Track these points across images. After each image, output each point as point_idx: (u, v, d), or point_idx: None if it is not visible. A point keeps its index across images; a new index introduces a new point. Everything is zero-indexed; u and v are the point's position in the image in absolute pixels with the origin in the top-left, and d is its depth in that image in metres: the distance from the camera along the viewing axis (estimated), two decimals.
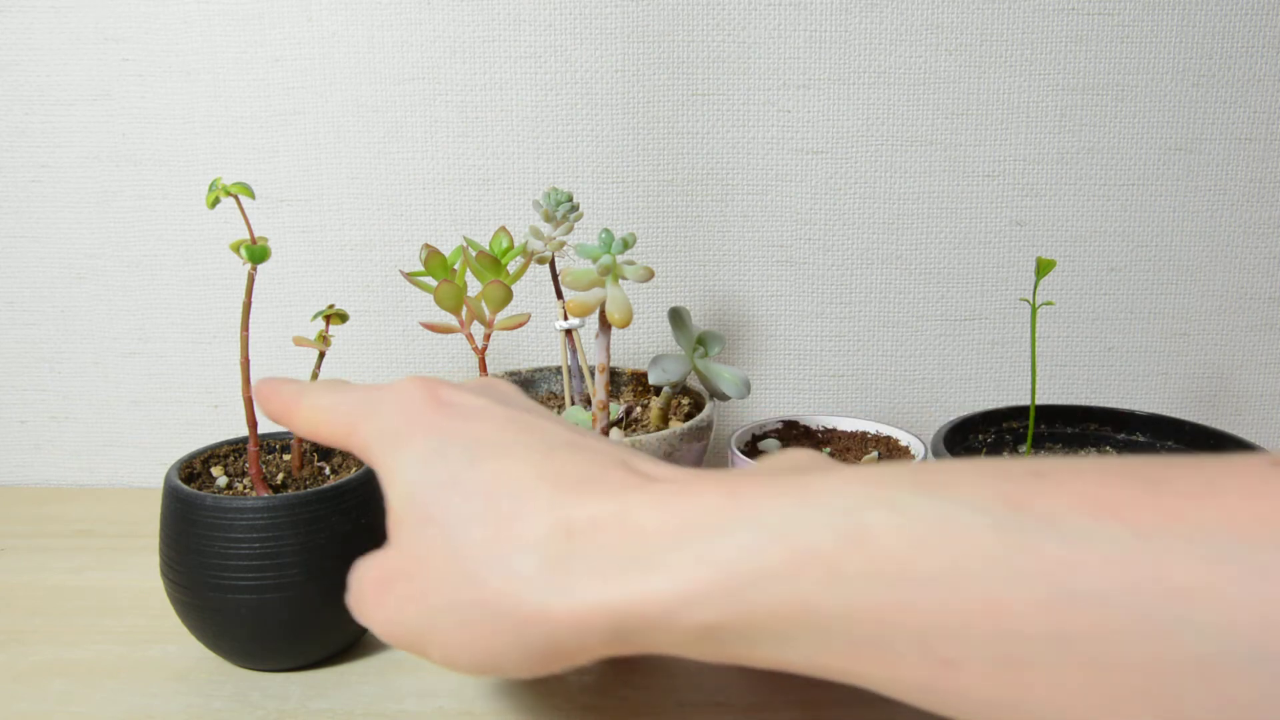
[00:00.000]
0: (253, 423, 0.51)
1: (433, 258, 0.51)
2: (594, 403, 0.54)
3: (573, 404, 0.60)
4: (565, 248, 0.56)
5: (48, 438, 0.75)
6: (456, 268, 0.53)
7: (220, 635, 0.48)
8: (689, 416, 0.58)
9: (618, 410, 0.58)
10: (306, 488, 0.52)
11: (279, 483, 0.53)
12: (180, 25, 0.68)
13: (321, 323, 0.52)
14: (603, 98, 0.69)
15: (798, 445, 0.61)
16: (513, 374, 0.65)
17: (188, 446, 0.73)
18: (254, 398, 0.36)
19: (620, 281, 0.53)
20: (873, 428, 0.61)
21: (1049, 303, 0.55)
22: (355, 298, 0.72)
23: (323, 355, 0.52)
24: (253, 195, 0.48)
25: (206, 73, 0.69)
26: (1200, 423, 0.59)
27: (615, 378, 0.63)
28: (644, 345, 0.73)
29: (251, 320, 0.50)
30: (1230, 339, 0.73)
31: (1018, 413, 0.61)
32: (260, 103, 0.69)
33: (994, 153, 0.70)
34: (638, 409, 0.59)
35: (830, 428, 0.63)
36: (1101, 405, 0.63)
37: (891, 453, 0.59)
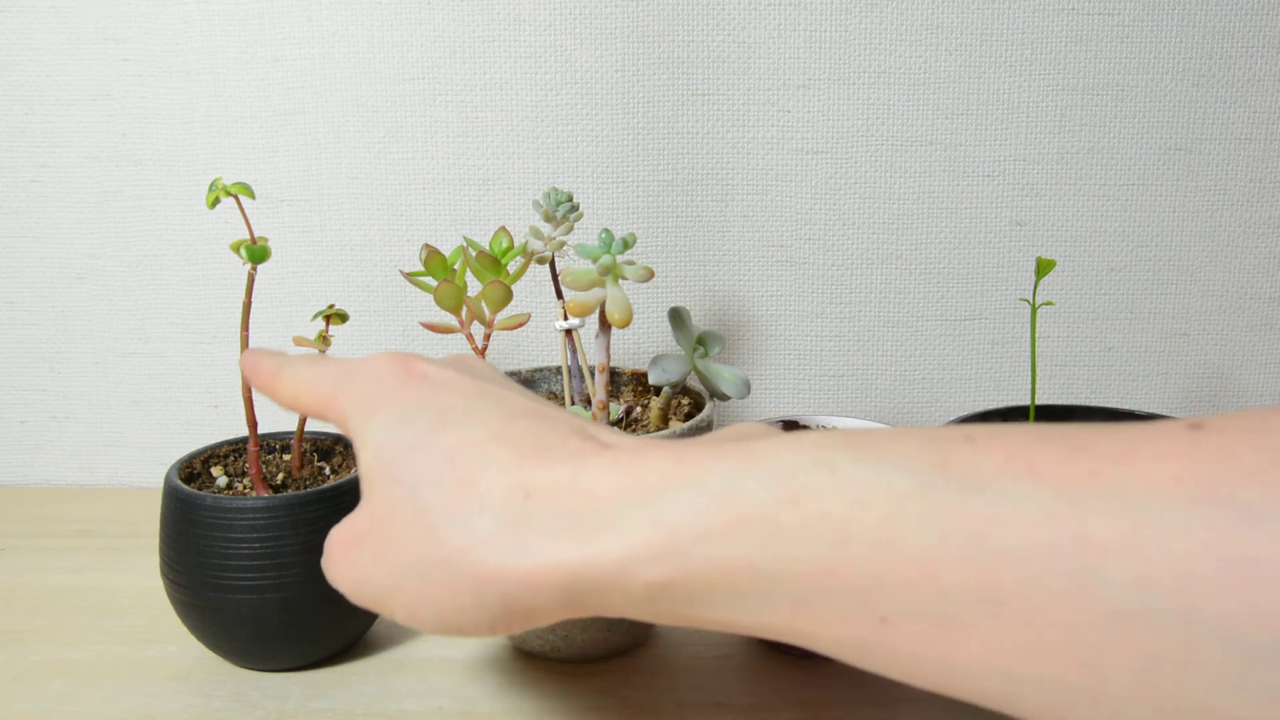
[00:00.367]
0: (253, 423, 0.51)
1: (433, 258, 0.51)
2: (594, 403, 0.54)
3: (573, 404, 0.60)
4: (565, 248, 0.56)
5: (48, 438, 0.75)
6: (456, 268, 0.53)
7: (220, 635, 0.48)
8: (689, 416, 0.58)
9: (618, 410, 0.58)
10: (306, 488, 0.52)
11: (279, 483, 0.53)
12: (180, 25, 0.68)
13: (321, 323, 0.52)
14: (603, 98, 0.69)
15: None
16: (513, 374, 0.65)
17: (188, 446, 0.73)
18: (240, 367, 0.38)
19: (620, 281, 0.53)
20: (873, 428, 0.61)
21: (1049, 303, 0.55)
22: (355, 298, 0.72)
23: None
24: (253, 195, 0.48)
25: (206, 73, 0.69)
26: None
27: (615, 378, 0.63)
28: (644, 345, 0.73)
29: (251, 320, 0.50)
30: (1230, 339, 0.73)
31: (1017, 413, 0.61)
32: (260, 103, 0.69)
33: (994, 153, 0.70)
34: (638, 409, 0.59)
35: (830, 428, 0.63)
36: (1101, 405, 0.63)
37: None
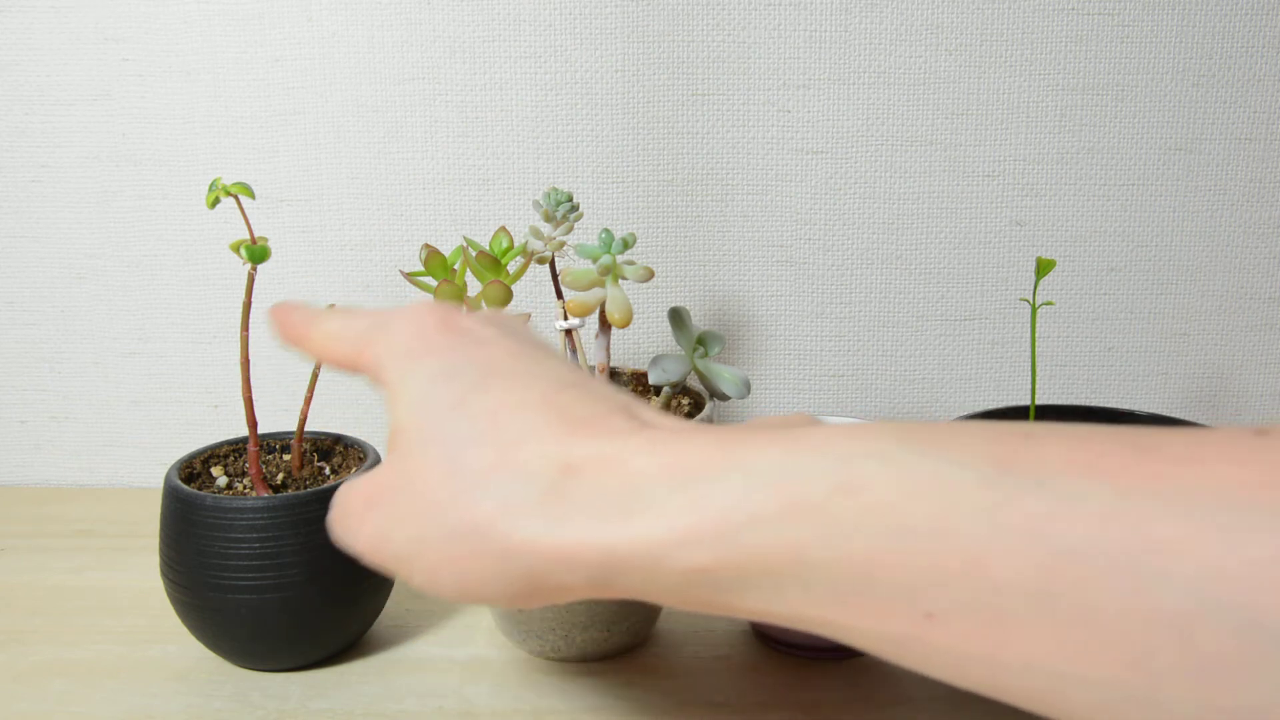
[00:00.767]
0: (253, 423, 0.51)
1: (433, 258, 0.51)
2: None
3: None
4: (565, 248, 0.56)
5: (48, 438, 0.75)
6: (456, 268, 0.53)
7: (220, 635, 0.48)
8: (689, 416, 0.58)
9: None
10: (306, 488, 0.52)
11: (279, 483, 0.53)
12: (180, 25, 0.68)
13: None
14: (603, 98, 0.69)
15: None
16: None
17: (188, 446, 0.73)
18: (269, 318, 0.36)
19: (620, 281, 0.53)
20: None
21: (1049, 303, 0.55)
22: (355, 298, 0.72)
23: None
24: (253, 195, 0.48)
25: (206, 73, 0.69)
26: (1200, 423, 0.59)
27: (615, 378, 0.63)
28: (644, 345, 0.73)
29: (251, 320, 0.50)
30: (1230, 339, 0.73)
31: (1018, 413, 0.61)
32: (260, 103, 0.69)
33: (994, 153, 0.70)
34: None
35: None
36: (1101, 405, 0.63)
37: None
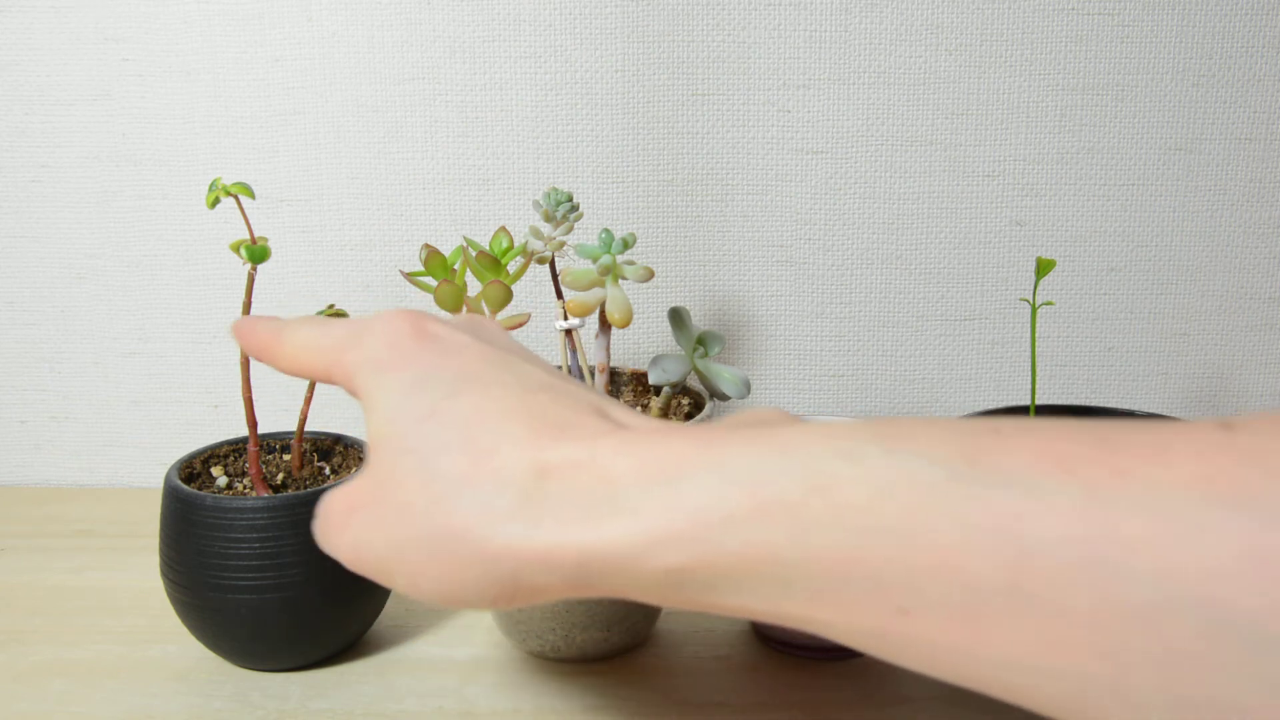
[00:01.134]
0: (253, 423, 0.51)
1: (433, 258, 0.51)
2: None
3: None
4: (565, 248, 0.56)
5: (48, 438, 0.75)
6: (456, 268, 0.53)
7: (220, 635, 0.48)
8: (689, 416, 0.58)
9: None
10: (306, 488, 0.52)
11: (279, 483, 0.53)
12: (180, 25, 0.68)
13: None
14: (603, 98, 0.69)
15: None
16: None
17: (188, 446, 0.73)
18: (234, 335, 0.36)
19: (620, 281, 0.53)
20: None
21: (1049, 303, 0.55)
22: (355, 298, 0.72)
23: None
24: (253, 195, 0.48)
25: (206, 73, 0.69)
26: None
27: (615, 378, 0.63)
28: (644, 345, 0.73)
29: None
30: (1230, 339, 0.73)
31: (1017, 412, 0.61)
32: (260, 103, 0.69)
33: (994, 153, 0.70)
34: (638, 409, 0.59)
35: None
36: (1101, 405, 0.63)
37: None
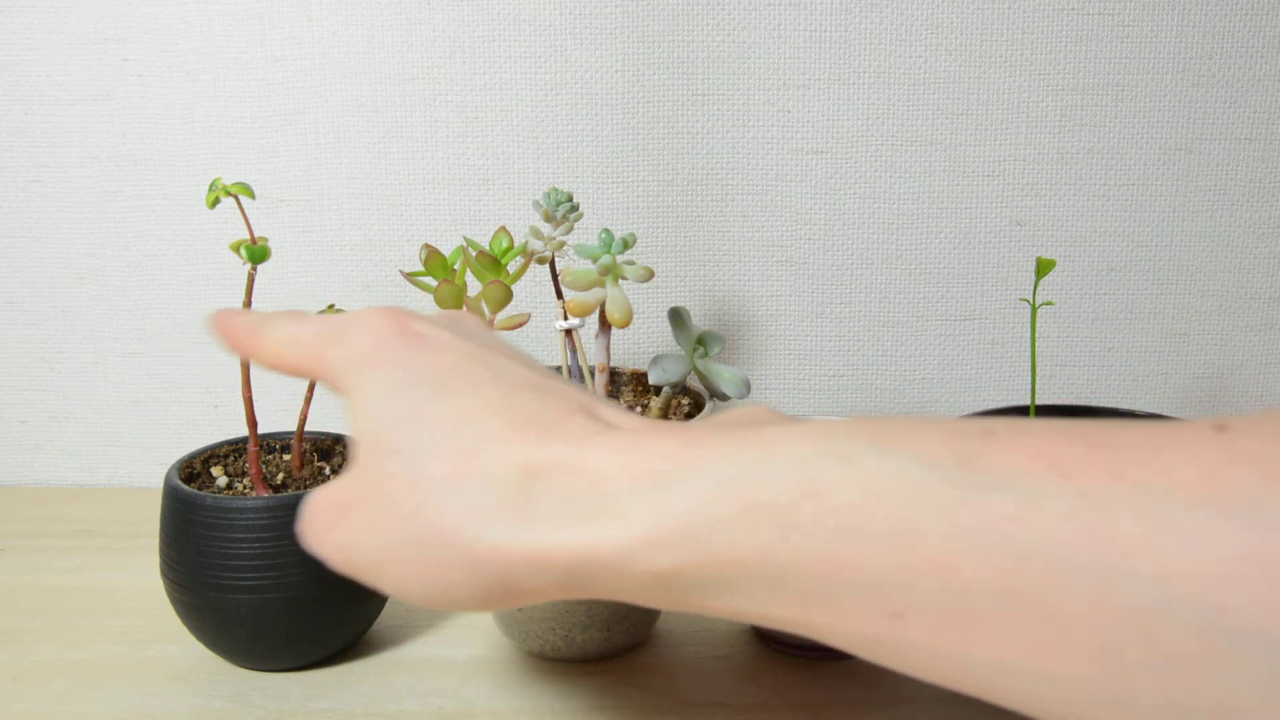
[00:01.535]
0: (253, 423, 0.51)
1: (433, 258, 0.51)
2: None
3: None
4: (565, 248, 0.56)
5: (48, 438, 0.75)
6: (456, 268, 0.53)
7: (220, 635, 0.48)
8: (689, 417, 0.58)
9: None
10: (306, 488, 0.52)
11: (279, 483, 0.53)
12: (180, 25, 0.68)
13: None
14: (603, 98, 0.69)
15: None
16: None
17: (188, 446, 0.73)
18: (212, 330, 0.36)
19: (620, 281, 0.53)
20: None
21: (1049, 303, 0.55)
22: (355, 298, 0.72)
23: None
24: (253, 195, 0.48)
25: (206, 73, 0.69)
26: None
27: (615, 378, 0.63)
28: (644, 345, 0.73)
29: None
30: (1230, 339, 0.73)
31: (1017, 413, 0.61)
32: (260, 103, 0.69)
33: (994, 153, 0.70)
34: (638, 409, 0.59)
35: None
36: (1101, 405, 0.63)
37: None
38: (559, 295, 0.59)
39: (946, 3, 0.68)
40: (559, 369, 0.65)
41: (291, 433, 0.55)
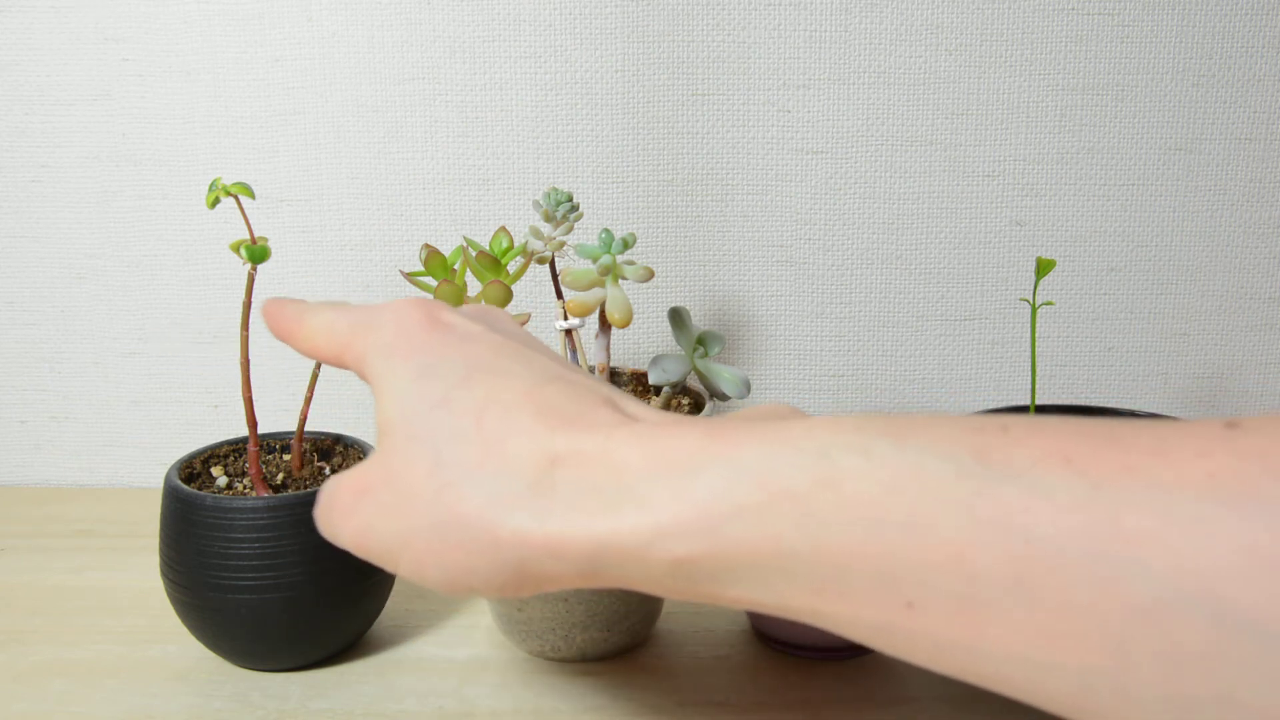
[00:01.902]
0: (253, 423, 0.51)
1: (433, 258, 0.51)
2: None
3: None
4: (565, 248, 0.56)
5: (48, 438, 0.75)
6: (456, 268, 0.53)
7: (220, 635, 0.48)
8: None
9: None
10: (306, 488, 0.52)
11: (279, 483, 0.53)
12: (180, 25, 0.68)
13: None
14: (603, 98, 0.69)
15: None
16: None
17: (188, 446, 0.73)
18: (263, 315, 0.37)
19: (620, 281, 0.53)
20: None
21: (1049, 303, 0.55)
22: (355, 298, 0.72)
23: None
24: (253, 195, 0.48)
25: (206, 73, 0.69)
26: None
27: (615, 378, 0.63)
28: (644, 345, 0.73)
29: (251, 320, 0.50)
30: (1230, 339, 0.73)
31: (1018, 413, 0.61)
32: (260, 103, 0.69)
33: (994, 153, 0.70)
34: None
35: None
36: (1101, 405, 0.63)
37: None
38: (559, 295, 0.59)
39: (946, 3, 0.68)
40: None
41: (291, 433, 0.55)
